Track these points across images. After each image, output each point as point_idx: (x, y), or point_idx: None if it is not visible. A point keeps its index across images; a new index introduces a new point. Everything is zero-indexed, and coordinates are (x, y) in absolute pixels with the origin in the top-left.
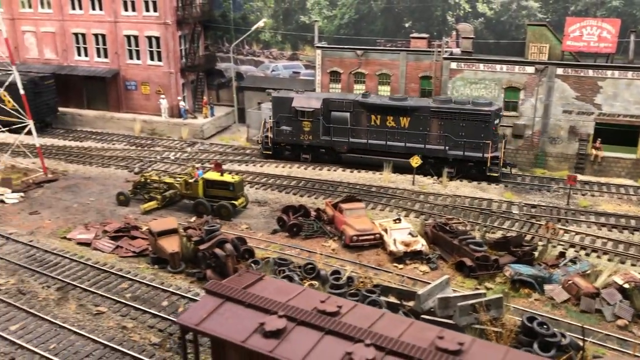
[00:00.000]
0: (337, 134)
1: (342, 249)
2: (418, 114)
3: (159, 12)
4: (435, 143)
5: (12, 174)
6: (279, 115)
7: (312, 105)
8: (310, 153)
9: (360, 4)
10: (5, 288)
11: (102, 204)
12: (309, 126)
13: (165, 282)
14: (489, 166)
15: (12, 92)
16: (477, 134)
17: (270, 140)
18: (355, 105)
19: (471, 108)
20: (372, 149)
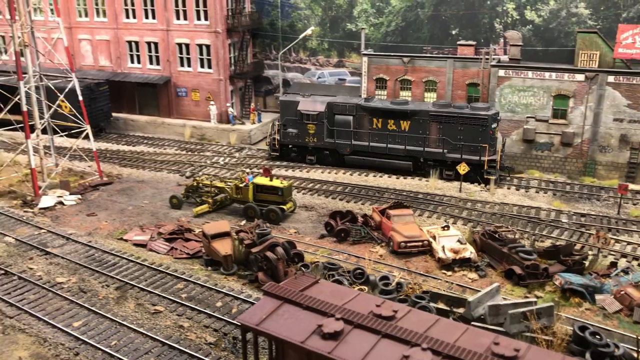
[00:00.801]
0: (340, 137)
1: (390, 254)
2: (418, 117)
3: (209, 20)
4: (434, 146)
5: (69, 177)
6: (286, 118)
7: (317, 108)
8: (315, 155)
9: (407, 12)
10: (67, 286)
11: (156, 206)
12: (313, 129)
13: (218, 284)
14: (486, 169)
15: (69, 98)
16: (475, 138)
17: (277, 142)
18: (358, 108)
19: (469, 112)
20: (373, 152)
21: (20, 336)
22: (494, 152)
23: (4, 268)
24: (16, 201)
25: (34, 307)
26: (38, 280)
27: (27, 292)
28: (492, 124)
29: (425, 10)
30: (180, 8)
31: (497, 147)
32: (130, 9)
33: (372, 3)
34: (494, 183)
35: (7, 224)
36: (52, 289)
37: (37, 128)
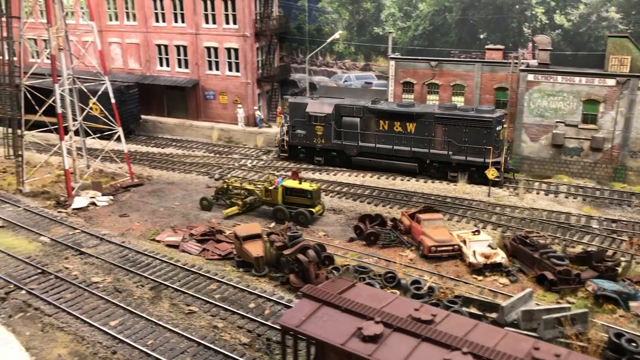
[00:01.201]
0: (347, 138)
1: (420, 259)
2: (423, 119)
3: (238, 24)
4: (440, 148)
5: (101, 178)
6: (295, 119)
7: (325, 110)
8: (322, 156)
9: (435, 16)
10: (102, 286)
11: (186, 208)
12: (321, 130)
13: (250, 285)
14: None
15: (100, 100)
16: (480, 140)
17: (286, 143)
18: (365, 111)
19: (474, 115)
20: (380, 153)
21: (59, 334)
22: (499, 154)
23: (41, 267)
24: (50, 201)
25: (71, 305)
26: (74, 280)
27: (64, 291)
28: (497, 127)
29: (453, 14)
30: (209, 12)
31: (502, 150)
32: (160, 12)
33: (399, 7)
34: (499, 185)
35: (42, 223)
36: (88, 288)
37: (71, 130)
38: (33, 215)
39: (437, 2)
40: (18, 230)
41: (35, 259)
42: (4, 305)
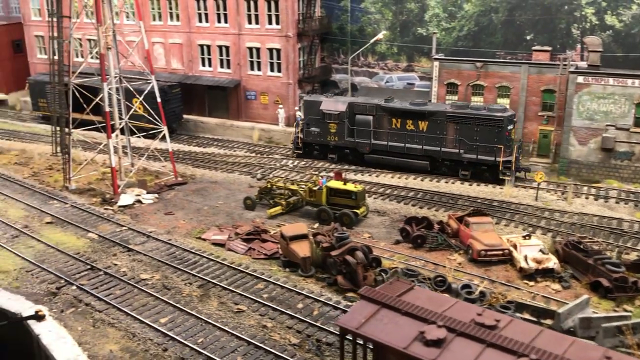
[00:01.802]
0: (360, 136)
1: (469, 263)
2: (435, 118)
3: (281, 25)
4: (451, 146)
5: (144, 176)
6: (309, 117)
7: (338, 108)
8: (336, 153)
9: (480, 16)
10: (151, 283)
11: (230, 207)
12: (335, 128)
13: (297, 285)
14: (501, 169)
15: (145, 99)
16: (491, 139)
17: (300, 141)
18: (378, 109)
19: (485, 113)
20: (392, 151)
21: (109, 330)
22: (510, 153)
23: (90, 263)
24: (96, 199)
25: (121, 302)
26: (123, 276)
27: (114, 287)
28: (508, 126)
29: (499, 15)
30: (252, 12)
31: (513, 149)
32: (203, 13)
33: (444, 7)
34: (511, 183)
35: (89, 220)
36: (138, 285)
37: (117, 128)
38: (80, 212)
39: (483, 2)
40: (66, 227)
41: (84, 255)
42: (55, 300)
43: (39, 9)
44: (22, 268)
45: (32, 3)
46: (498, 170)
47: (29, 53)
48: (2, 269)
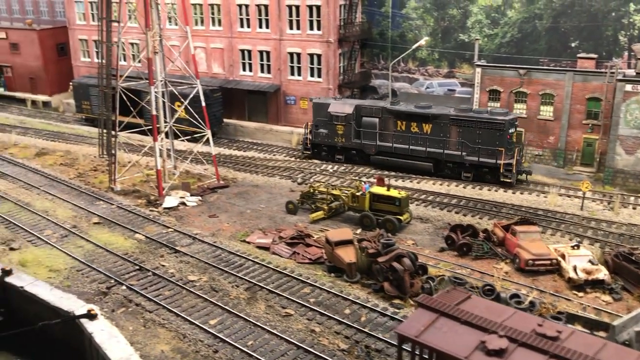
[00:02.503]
0: (366, 138)
1: (516, 272)
2: (439, 121)
3: (322, 30)
4: (454, 149)
5: (187, 179)
6: (317, 119)
7: (345, 110)
8: (343, 154)
9: (524, 23)
10: (199, 284)
11: (272, 211)
12: (342, 129)
13: (343, 291)
14: (502, 172)
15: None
16: (492, 142)
17: (309, 142)
18: (384, 111)
19: (487, 117)
20: (397, 152)
21: (160, 330)
22: (512, 156)
23: (138, 264)
24: (141, 200)
25: (171, 303)
26: (171, 277)
27: (162, 288)
28: (510, 129)
29: (544, 21)
30: (293, 18)
31: (514, 152)
32: (245, 18)
33: (487, 14)
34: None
35: (135, 221)
36: (186, 286)
37: (162, 131)
38: (126, 213)
39: (527, 9)
40: (114, 227)
41: (132, 255)
42: (105, 299)
43: (84, 13)
44: (72, 267)
45: (77, 7)
46: (499, 172)
47: (73, 56)
48: (53, 267)
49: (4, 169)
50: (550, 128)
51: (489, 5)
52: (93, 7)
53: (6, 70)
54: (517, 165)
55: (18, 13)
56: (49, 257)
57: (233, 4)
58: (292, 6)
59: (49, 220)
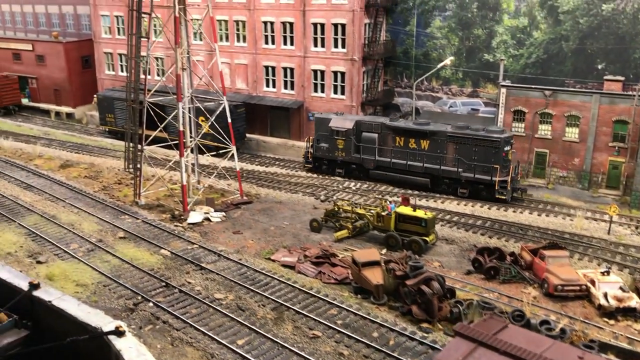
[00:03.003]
0: (366, 152)
1: (544, 297)
2: (437, 137)
3: (347, 48)
4: (450, 165)
5: (211, 194)
6: (319, 133)
7: (346, 125)
8: (343, 168)
9: (550, 44)
10: (225, 303)
11: (296, 228)
12: (342, 144)
13: (371, 313)
14: (497, 189)
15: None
16: (488, 159)
17: (310, 155)
18: (383, 127)
19: (483, 134)
20: (395, 167)
21: (188, 349)
22: (507, 173)
23: (164, 280)
24: (165, 215)
25: (198, 321)
26: (198, 295)
27: (189, 305)
28: (505, 147)
29: (570, 43)
30: (318, 36)
31: (510, 169)
32: (270, 35)
33: (512, 34)
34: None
35: (160, 236)
36: (212, 304)
37: (188, 147)
38: (151, 228)
39: (553, 30)
40: (139, 242)
41: (158, 271)
42: (133, 316)
43: (109, 27)
44: (99, 282)
45: (103, 21)
46: (494, 189)
47: (98, 69)
48: (80, 282)
49: (30, 181)
50: (575, 150)
51: (514, 25)
52: (119, 21)
53: (31, 82)
54: (512, 182)
55: (44, 25)
56: (75, 271)
57: (258, 21)
58: (317, 24)
59: (75, 234)
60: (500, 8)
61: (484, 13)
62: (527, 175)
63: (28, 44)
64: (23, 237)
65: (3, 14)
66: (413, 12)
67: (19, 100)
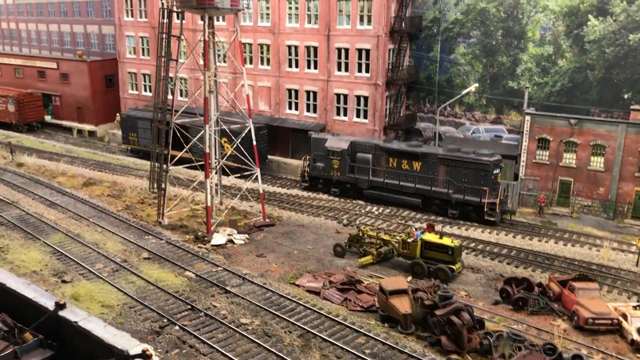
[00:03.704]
0: (360, 173)
1: (573, 330)
2: (428, 159)
3: (370, 73)
4: (441, 187)
5: (233, 216)
6: (315, 153)
7: (341, 146)
8: (338, 187)
9: (575, 73)
10: (252, 328)
11: (319, 253)
12: (337, 164)
13: (399, 343)
14: (486, 210)
15: (231, 139)
16: (477, 181)
17: (306, 174)
18: (377, 148)
19: (473, 157)
20: (388, 188)
21: None
22: (495, 196)
23: (190, 303)
24: (188, 236)
25: (225, 346)
26: (223, 319)
27: (215, 330)
28: (494, 170)
29: (596, 72)
30: (342, 60)
31: (499, 191)
32: (294, 59)
33: (537, 62)
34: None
35: (184, 258)
36: (238, 329)
37: (214, 168)
38: (175, 249)
39: (579, 59)
40: (163, 263)
41: (183, 294)
42: (159, 339)
43: (134, 47)
44: (124, 303)
45: (128, 41)
46: (483, 211)
47: (121, 88)
48: (106, 303)
49: (54, 198)
50: (600, 179)
51: (539, 54)
52: (144, 41)
53: (55, 99)
54: (501, 204)
55: (69, 44)
56: (101, 292)
57: (283, 45)
58: (341, 49)
59: (100, 253)
60: (525, 36)
61: (508, 41)
62: (551, 204)
63: (53, 62)
64: (48, 255)
65: (29, 33)
66: (437, 39)
67: (42, 117)
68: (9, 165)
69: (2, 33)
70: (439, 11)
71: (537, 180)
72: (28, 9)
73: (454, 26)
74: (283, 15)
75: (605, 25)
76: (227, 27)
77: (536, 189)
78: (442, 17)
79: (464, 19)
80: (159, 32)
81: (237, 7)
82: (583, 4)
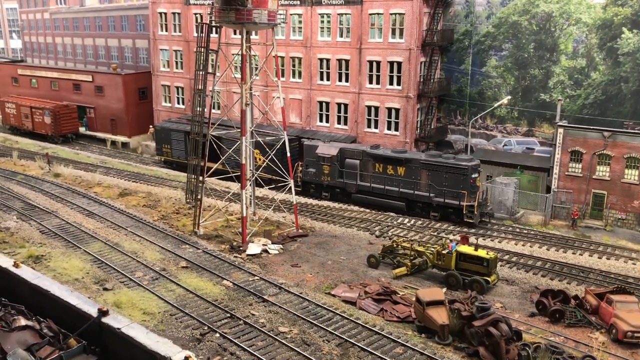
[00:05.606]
0: (348, 177)
1: (612, 343)
2: (411, 165)
3: (402, 86)
4: (424, 190)
5: (266, 226)
6: (307, 159)
7: (331, 152)
8: (328, 192)
9: (609, 85)
10: (290, 336)
11: (353, 263)
12: (328, 169)
13: (437, 353)
14: (465, 213)
15: (264, 151)
16: (457, 185)
17: (299, 179)
18: (364, 154)
19: (453, 162)
20: (374, 192)
21: None
22: (474, 199)
23: (229, 311)
24: (224, 245)
25: (265, 354)
26: (262, 327)
27: (255, 338)
28: (473, 174)
29: (629, 85)
30: (374, 73)
31: (477, 195)
32: (325, 72)
33: (569, 75)
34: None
35: (221, 267)
36: (277, 337)
37: (249, 179)
38: (212, 258)
39: (612, 72)
40: (201, 272)
41: (222, 302)
42: (200, 346)
43: (168, 60)
44: (165, 311)
45: (162, 55)
46: (462, 213)
47: (155, 101)
48: (147, 310)
49: (92, 208)
50: (634, 192)
51: (572, 66)
52: (177, 55)
53: (89, 111)
54: (480, 207)
55: (103, 57)
56: (142, 299)
57: (314, 58)
58: (373, 61)
59: (139, 262)
60: (557, 49)
61: (540, 53)
62: (584, 217)
63: (88, 75)
64: (89, 263)
65: (65, 47)
66: (469, 52)
67: (77, 128)
68: (47, 175)
69: (39, 47)
70: (470, 24)
71: (570, 192)
72: (64, 24)
73: (485, 39)
74: (315, 29)
75: (639, 37)
76: (259, 40)
77: (569, 201)
78: (474, 30)
79: (495, 32)
80: (197, 46)
81: (274, 22)
82: (617, 16)
